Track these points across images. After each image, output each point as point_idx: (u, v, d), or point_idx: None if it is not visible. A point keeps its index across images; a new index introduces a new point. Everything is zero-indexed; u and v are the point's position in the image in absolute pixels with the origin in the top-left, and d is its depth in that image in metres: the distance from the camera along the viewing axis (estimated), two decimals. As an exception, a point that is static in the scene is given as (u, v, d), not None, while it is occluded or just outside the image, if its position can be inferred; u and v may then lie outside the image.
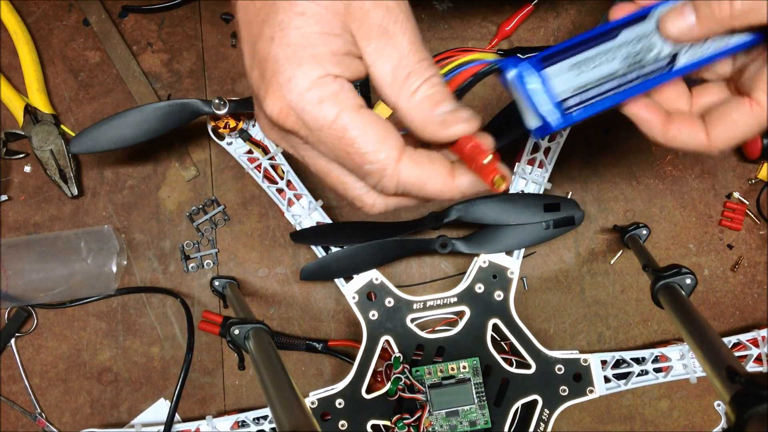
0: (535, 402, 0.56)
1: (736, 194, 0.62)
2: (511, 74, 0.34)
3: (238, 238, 0.62)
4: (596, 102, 0.34)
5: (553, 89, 0.34)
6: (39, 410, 0.61)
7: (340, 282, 0.58)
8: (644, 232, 0.59)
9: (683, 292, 0.47)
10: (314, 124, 0.30)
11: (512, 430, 0.56)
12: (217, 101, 0.54)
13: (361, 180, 0.32)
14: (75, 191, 0.60)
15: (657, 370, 0.57)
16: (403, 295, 0.57)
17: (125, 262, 0.61)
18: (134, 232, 0.61)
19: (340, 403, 0.55)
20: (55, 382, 0.61)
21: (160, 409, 0.61)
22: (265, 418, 0.57)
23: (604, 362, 0.57)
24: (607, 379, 0.56)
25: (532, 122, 0.34)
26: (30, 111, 0.60)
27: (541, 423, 0.55)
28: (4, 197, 0.61)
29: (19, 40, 0.60)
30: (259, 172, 0.57)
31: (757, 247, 0.62)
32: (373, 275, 0.57)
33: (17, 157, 0.61)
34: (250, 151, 0.57)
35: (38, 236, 0.60)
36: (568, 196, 0.62)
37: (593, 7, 0.63)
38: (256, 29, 0.30)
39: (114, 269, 0.58)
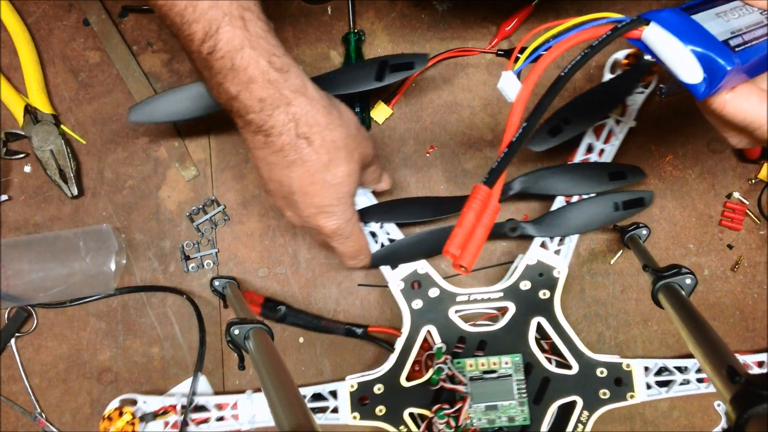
0: (574, 403, 0.55)
1: (736, 194, 0.62)
2: (656, 26, 0.29)
3: (238, 238, 0.62)
4: (760, 43, 0.30)
5: (709, 31, 0.29)
6: (39, 410, 0.61)
7: (386, 269, 0.57)
8: (644, 232, 0.59)
9: (683, 292, 0.46)
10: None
11: (549, 429, 0.56)
12: None
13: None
14: (75, 191, 0.60)
15: (699, 381, 0.57)
16: (448, 286, 0.56)
17: (124, 261, 0.61)
18: (134, 232, 0.61)
19: (379, 389, 0.55)
20: (55, 382, 0.61)
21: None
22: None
23: (646, 368, 0.57)
24: (648, 386, 0.56)
25: (690, 76, 0.30)
26: (30, 111, 0.60)
27: (580, 424, 0.55)
28: (4, 197, 0.61)
29: (19, 40, 0.60)
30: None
31: (757, 247, 0.62)
32: (419, 265, 0.57)
33: (17, 157, 0.61)
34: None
35: (38, 236, 0.60)
36: None
37: (593, 7, 0.62)
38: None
39: (113, 268, 0.58)
